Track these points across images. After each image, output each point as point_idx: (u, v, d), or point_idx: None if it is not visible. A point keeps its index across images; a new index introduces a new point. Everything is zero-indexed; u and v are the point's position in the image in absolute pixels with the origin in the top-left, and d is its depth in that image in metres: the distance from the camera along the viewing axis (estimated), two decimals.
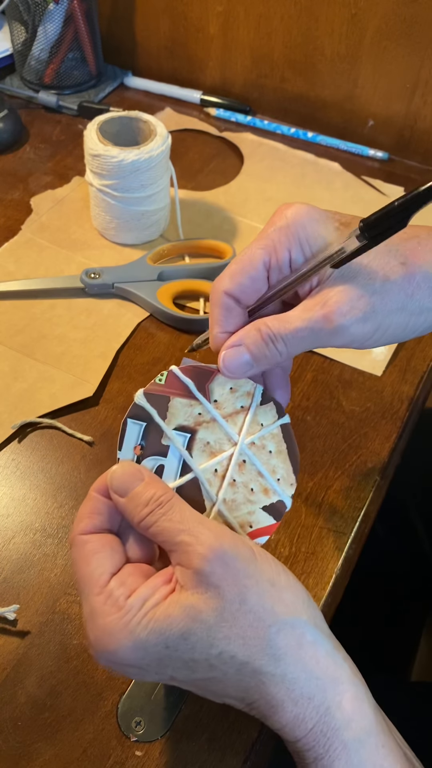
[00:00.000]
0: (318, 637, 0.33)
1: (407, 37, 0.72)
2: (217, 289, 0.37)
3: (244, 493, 0.37)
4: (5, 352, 0.57)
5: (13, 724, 0.39)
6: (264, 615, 0.32)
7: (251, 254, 0.36)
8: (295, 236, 0.36)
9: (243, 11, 0.78)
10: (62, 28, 0.79)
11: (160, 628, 0.31)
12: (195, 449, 0.36)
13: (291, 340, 0.35)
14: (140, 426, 0.36)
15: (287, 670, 0.32)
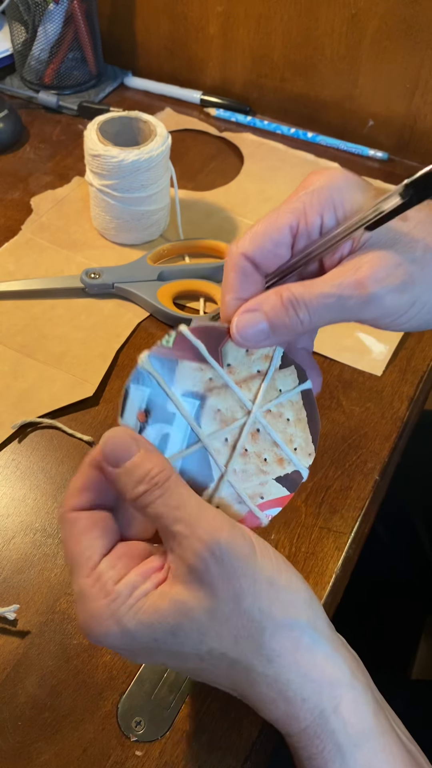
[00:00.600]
0: (316, 640, 0.31)
1: (407, 37, 0.72)
2: (234, 252, 0.33)
3: (256, 464, 0.34)
4: (5, 352, 0.57)
5: (13, 724, 0.39)
6: (259, 617, 0.30)
7: (277, 216, 0.32)
8: (329, 199, 0.32)
9: (243, 11, 0.78)
10: (62, 28, 0.79)
11: (149, 621, 0.29)
12: (204, 417, 0.33)
13: (316, 308, 0.31)
14: (144, 391, 0.32)
15: (280, 672, 0.31)
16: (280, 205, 0.33)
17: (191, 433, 0.33)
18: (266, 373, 0.34)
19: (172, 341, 0.33)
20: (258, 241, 0.33)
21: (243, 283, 0.33)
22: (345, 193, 0.33)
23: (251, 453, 0.34)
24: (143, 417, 0.33)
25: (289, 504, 0.49)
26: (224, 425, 0.34)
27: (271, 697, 0.31)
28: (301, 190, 0.33)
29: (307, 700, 0.31)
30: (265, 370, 0.34)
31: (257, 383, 0.34)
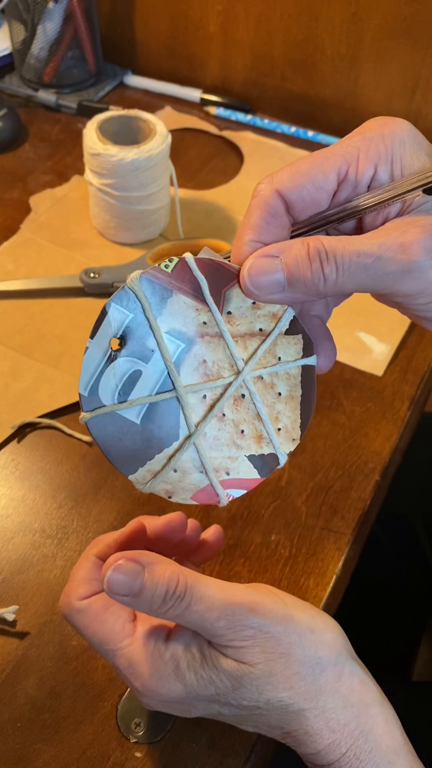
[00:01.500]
0: (353, 667, 0.34)
1: (408, 36, 0.72)
2: (265, 188, 0.28)
3: (231, 433, 0.30)
4: (4, 352, 0.57)
5: (12, 725, 0.39)
6: (309, 662, 0.33)
7: (325, 157, 0.28)
8: (388, 150, 0.28)
9: (243, 10, 0.78)
10: (62, 26, 0.79)
11: (210, 679, 0.32)
12: (186, 364, 0.29)
13: (346, 266, 0.26)
14: (125, 315, 0.28)
15: (327, 702, 0.33)
16: (330, 146, 0.29)
17: (166, 379, 0.29)
18: (269, 335, 0.29)
19: (173, 267, 0.28)
20: (298, 180, 0.28)
21: (268, 225, 0.28)
22: (408, 147, 0.28)
23: (228, 420, 0.30)
24: (116, 344, 0.28)
25: (290, 504, 0.49)
26: (206, 379, 0.29)
27: (318, 727, 0.33)
28: (356, 135, 0.29)
29: (348, 725, 0.33)
30: (268, 331, 0.29)
31: (255, 343, 0.29)
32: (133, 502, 0.49)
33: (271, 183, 0.29)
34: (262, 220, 0.28)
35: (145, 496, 0.49)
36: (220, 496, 0.30)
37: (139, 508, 0.48)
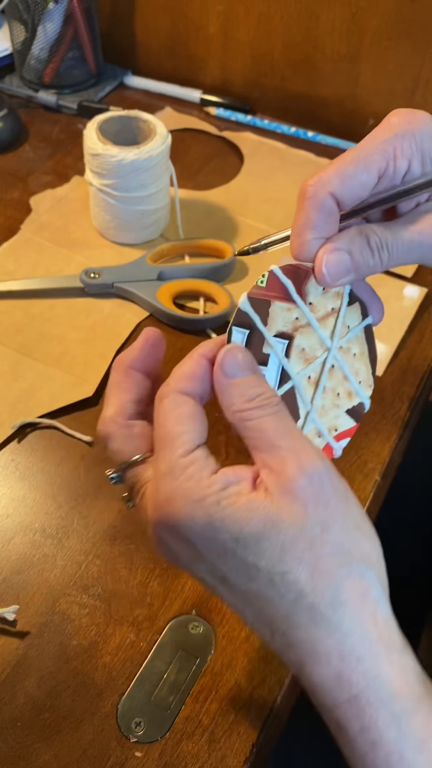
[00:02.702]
0: (381, 598, 0.30)
1: (407, 37, 0.72)
2: (320, 190, 0.32)
3: (331, 398, 0.36)
4: (5, 352, 0.57)
5: (12, 725, 0.39)
6: (340, 552, 0.30)
7: (368, 157, 0.32)
8: (419, 146, 0.32)
9: (243, 10, 0.78)
10: (62, 27, 0.79)
11: (238, 519, 0.29)
12: (292, 356, 0.35)
13: (397, 250, 0.33)
14: (244, 334, 0.34)
15: (344, 620, 0.29)
16: (365, 141, 0.33)
17: (282, 373, 0.35)
18: (339, 311, 0.36)
19: (266, 281, 0.34)
20: (347, 182, 0.32)
21: (325, 223, 0.33)
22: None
23: (328, 388, 0.36)
24: None
25: None
26: (306, 364, 0.35)
27: (328, 647, 0.29)
28: (388, 132, 0.33)
29: (362, 661, 0.29)
30: (338, 308, 0.36)
31: (332, 321, 0.36)
32: None
33: (323, 186, 0.33)
34: (320, 220, 0.33)
35: None
36: (336, 450, 0.37)
37: None
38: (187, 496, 0.29)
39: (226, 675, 0.41)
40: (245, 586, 0.30)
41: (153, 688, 0.41)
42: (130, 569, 0.45)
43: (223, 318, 0.60)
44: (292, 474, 0.29)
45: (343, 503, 0.30)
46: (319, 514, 0.29)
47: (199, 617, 0.43)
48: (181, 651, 0.42)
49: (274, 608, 0.30)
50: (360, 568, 0.30)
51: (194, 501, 0.29)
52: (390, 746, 0.29)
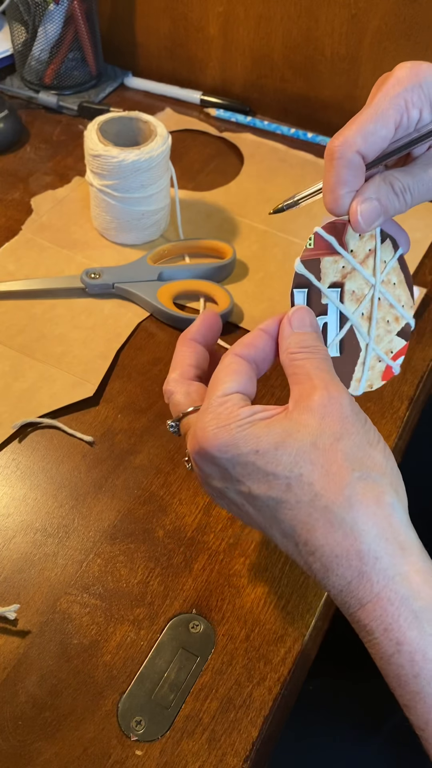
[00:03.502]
0: (396, 503, 0.33)
1: (407, 38, 0.72)
2: (347, 149, 0.36)
3: (383, 327, 0.41)
4: (6, 352, 0.57)
5: (13, 724, 0.39)
6: (353, 459, 0.32)
7: (384, 113, 0.36)
8: (427, 95, 0.36)
9: (243, 12, 0.78)
10: (62, 28, 0.79)
11: (257, 434, 0.32)
12: (345, 300, 0.39)
13: (418, 190, 0.38)
14: (303, 293, 0.38)
15: (358, 520, 0.31)
16: (378, 98, 0.36)
17: (341, 317, 0.39)
18: (375, 250, 0.40)
19: (313, 242, 0.38)
20: (370, 138, 0.36)
21: (354, 177, 0.37)
22: None
23: (380, 318, 0.41)
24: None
25: None
26: (358, 303, 0.40)
27: (345, 548, 0.31)
28: (399, 87, 0.36)
29: (380, 560, 0.31)
30: (374, 248, 0.40)
31: (372, 260, 0.40)
32: (133, 501, 0.49)
33: (350, 147, 0.36)
34: (349, 176, 0.37)
35: (146, 494, 0.49)
36: (394, 368, 0.42)
37: (140, 507, 0.49)
38: (216, 424, 0.33)
39: (226, 674, 0.42)
40: (266, 495, 0.33)
41: (153, 686, 0.41)
42: (130, 568, 0.46)
43: (223, 318, 0.60)
44: (316, 394, 0.33)
45: (360, 424, 0.34)
46: (334, 426, 0.33)
47: (200, 616, 0.44)
48: (181, 650, 0.42)
49: (294, 514, 0.32)
50: (372, 474, 0.33)
51: (221, 426, 0.33)
52: (413, 644, 0.31)
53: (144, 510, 0.49)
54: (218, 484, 0.35)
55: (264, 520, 0.34)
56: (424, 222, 0.71)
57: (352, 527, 0.31)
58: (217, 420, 0.33)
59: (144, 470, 0.51)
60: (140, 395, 0.55)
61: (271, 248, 0.68)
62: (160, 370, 0.57)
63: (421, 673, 0.31)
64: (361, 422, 0.34)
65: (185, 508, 0.49)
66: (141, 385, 0.56)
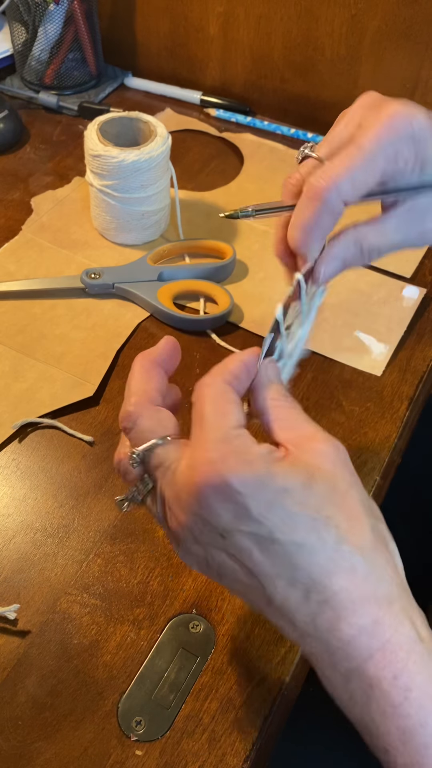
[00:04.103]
0: (396, 550, 0.33)
1: (407, 38, 0.72)
2: (335, 195, 0.36)
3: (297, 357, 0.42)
4: (6, 352, 0.57)
5: (13, 724, 0.39)
6: (365, 507, 0.32)
7: (374, 161, 0.35)
8: (417, 150, 0.36)
9: (243, 12, 0.78)
10: (62, 28, 0.79)
11: (285, 472, 0.31)
12: (289, 341, 0.40)
13: (386, 250, 0.39)
14: (271, 336, 0.38)
15: (376, 564, 0.31)
16: (370, 142, 0.36)
17: (281, 353, 0.39)
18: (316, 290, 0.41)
19: (293, 289, 0.39)
20: (357, 186, 0.36)
21: (331, 223, 0.37)
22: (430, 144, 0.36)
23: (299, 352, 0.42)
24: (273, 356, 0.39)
25: None
26: (294, 344, 0.40)
27: (363, 593, 0.30)
28: (389, 133, 0.36)
29: (393, 604, 0.31)
30: (312, 294, 0.41)
31: (312, 295, 0.41)
32: None
33: (338, 193, 0.36)
34: (328, 221, 0.37)
35: None
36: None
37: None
38: (240, 456, 0.31)
39: (226, 674, 0.42)
40: (288, 538, 0.30)
41: (153, 686, 0.41)
42: (130, 568, 0.46)
43: (223, 318, 0.60)
44: (321, 443, 0.33)
45: (357, 476, 0.34)
46: (345, 474, 0.32)
47: (200, 616, 0.44)
48: (181, 650, 0.42)
49: (314, 559, 0.30)
50: (379, 524, 0.33)
51: (247, 460, 0.31)
52: (422, 689, 0.30)
53: (144, 510, 0.48)
54: (227, 522, 0.31)
55: (271, 569, 0.31)
56: None
57: (371, 571, 0.31)
58: (237, 454, 0.31)
59: None
60: None
61: (271, 248, 0.67)
62: None
63: (429, 720, 0.30)
64: (355, 473, 0.34)
65: None
66: None
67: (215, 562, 0.32)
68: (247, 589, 0.32)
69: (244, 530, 0.31)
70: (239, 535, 0.31)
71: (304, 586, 0.31)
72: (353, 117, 0.39)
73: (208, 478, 0.30)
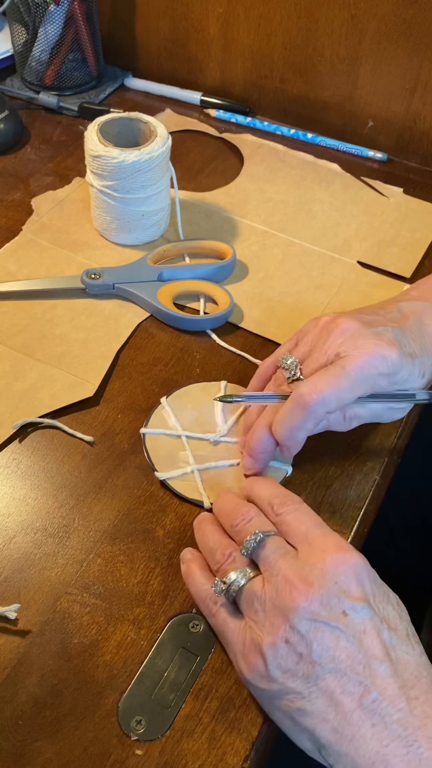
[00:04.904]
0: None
1: (406, 38, 0.72)
2: (322, 408, 0.43)
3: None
4: (6, 352, 0.57)
5: (13, 723, 0.40)
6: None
7: (358, 388, 0.43)
8: (393, 381, 0.44)
9: (243, 12, 0.78)
10: (63, 29, 0.79)
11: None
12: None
13: (366, 419, 0.49)
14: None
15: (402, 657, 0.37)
16: (357, 373, 0.43)
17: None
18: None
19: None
20: (341, 403, 0.43)
21: (315, 426, 0.45)
22: (401, 373, 0.44)
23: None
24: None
25: None
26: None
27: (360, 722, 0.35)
28: (374, 366, 0.43)
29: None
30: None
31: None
32: (133, 501, 0.49)
33: (325, 407, 0.43)
34: (313, 425, 0.45)
35: (146, 494, 0.49)
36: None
37: (140, 507, 0.49)
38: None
39: (226, 673, 0.42)
40: (391, 632, 0.36)
41: (153, 686, 0.41)
42: (130, 568, 0.46)
43: (223, 318, 0.60)
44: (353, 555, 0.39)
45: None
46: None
47: (200, 616, 0.44)
48: (181, 649, 0.42)
49: (407, 663, 0.36)
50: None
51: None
52: None
53: (144, 510, 0.49)
54: (352, 603, 0.36)
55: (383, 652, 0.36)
56: (423, 222, 0.71)
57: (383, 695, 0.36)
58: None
59: (144, 470, 0.51)
60: (140, 395, 0.55)
61: (271, 248, 0.68)
62: (160, 370, 0.57)
63: None
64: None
65: (185, 508, 0.49)
66: (141, 385, 0.56)
67: (322, 638, 0.36)
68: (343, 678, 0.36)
69: (372, 606, 0.37)
70: (366, 611, 0.36)
71: (403, 688, 0.35)
72: (322, 339, 0.45)
73: (348, 560, 0.37)
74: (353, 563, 0.37)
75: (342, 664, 0.35)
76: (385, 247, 0.68)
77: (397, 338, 0.44)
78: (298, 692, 0.36)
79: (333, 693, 0.35)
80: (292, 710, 0.36)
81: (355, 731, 0.34)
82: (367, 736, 0.34)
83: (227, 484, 0.49)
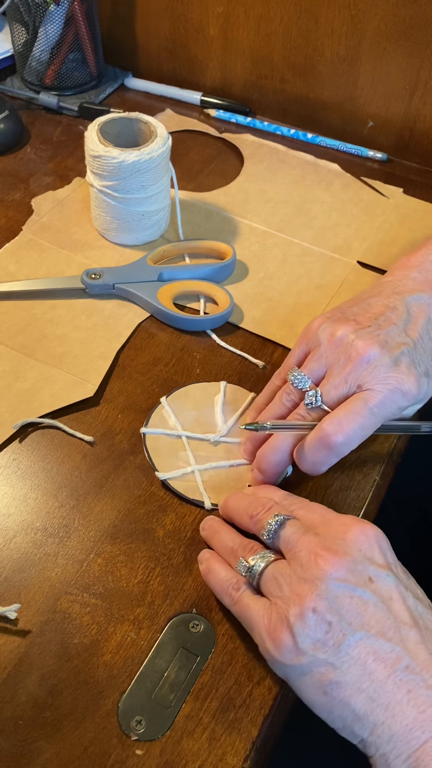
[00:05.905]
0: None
1: (407, 38, 0.72)
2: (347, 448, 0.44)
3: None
4: (6, 352, 0.57)
5: (13, 723, 0.40)
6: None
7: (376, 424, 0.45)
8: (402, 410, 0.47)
9: (243, 12, 0.78)
10: (63, 29, 0.79)
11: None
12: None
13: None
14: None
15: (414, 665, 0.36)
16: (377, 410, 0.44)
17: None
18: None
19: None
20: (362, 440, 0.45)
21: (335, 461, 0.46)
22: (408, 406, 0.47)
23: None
24: None
25: None
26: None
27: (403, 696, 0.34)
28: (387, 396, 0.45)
29: (426, 711, 0.33)
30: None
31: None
32: (133, 501, 0.49)
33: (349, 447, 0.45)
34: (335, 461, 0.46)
35: (145, 495, 0.49)
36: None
37: (140, 507, 0.49)
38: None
39: (226, 673, 0.42)
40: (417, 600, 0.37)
41: (154, 686, 0.41)
42: (131, 568, 0.46)
43: (223, 318, 0.60)
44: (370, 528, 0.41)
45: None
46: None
47: (200, 616, 0.44)
48: (181, 649, 0.42)
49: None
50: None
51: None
52: None
53: (144, 510, 0.49)
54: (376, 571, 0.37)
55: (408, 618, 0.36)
56: (423, 222, 0.71)
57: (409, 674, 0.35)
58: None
59: (144, 470, 0.51)
60: (140, 395, 0.55)
61: (271, 248, 0.68)
62: (160, 371, 0.57)
63: None
64: None
65: (185, 508, 0.49)
66: (141, 385, 0.56)
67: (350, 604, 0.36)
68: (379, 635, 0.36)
69: (396, 574, 0.38)
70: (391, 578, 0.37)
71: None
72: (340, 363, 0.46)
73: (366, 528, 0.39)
74: (374, 534, 0.38)
75: (372, 629, 0.35)
76: (385, 248, 0.68)
77: (413, 361, 0.45)
78: (330, 663, 0.35)
79: (366, 661, 0.34)
80: (324, 683, 0.35)
81: (390, 698, 0.34)
82: (404, 703, 0.33)
83: (228, 484, 0.49)
